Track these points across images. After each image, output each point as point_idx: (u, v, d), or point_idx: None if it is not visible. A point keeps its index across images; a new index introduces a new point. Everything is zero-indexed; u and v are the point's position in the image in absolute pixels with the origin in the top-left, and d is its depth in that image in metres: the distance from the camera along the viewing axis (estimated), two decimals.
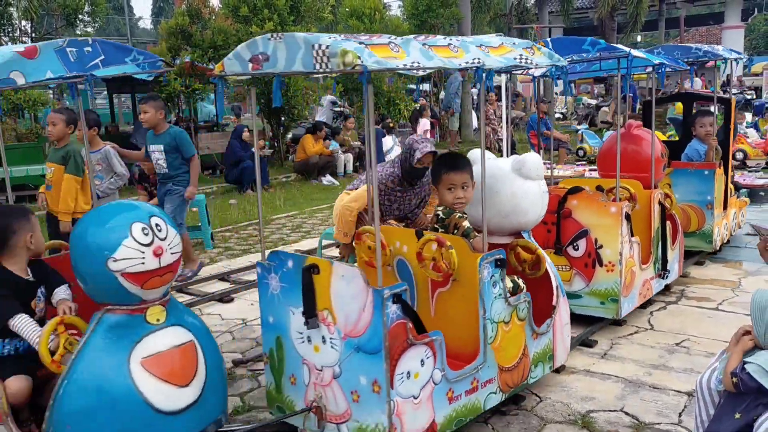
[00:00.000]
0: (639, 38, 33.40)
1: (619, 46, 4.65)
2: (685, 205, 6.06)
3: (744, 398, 2.47)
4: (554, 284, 3.72)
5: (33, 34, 16.05)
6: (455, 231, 3.41)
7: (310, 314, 2.97)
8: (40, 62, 2.69)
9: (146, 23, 61.39)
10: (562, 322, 3.77)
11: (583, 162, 12.82)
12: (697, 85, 18.62)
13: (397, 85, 15.70)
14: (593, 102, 21.88)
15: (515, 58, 3.35)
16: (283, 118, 13.97)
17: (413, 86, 19.14)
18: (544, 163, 4.05)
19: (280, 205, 10.29)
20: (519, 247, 3.70)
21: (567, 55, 4.44)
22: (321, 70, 2.69)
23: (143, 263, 2.67)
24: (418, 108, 15.56)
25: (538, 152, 7.72)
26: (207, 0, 12.70)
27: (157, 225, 2.76)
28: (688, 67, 5.94)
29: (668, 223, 5.12)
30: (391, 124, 14.25)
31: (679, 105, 8.47)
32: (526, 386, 3.56)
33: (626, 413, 3.48)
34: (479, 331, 3.20)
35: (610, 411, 3.50)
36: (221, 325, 5.03)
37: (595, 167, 6.86)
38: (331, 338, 2.97)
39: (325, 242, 5.76)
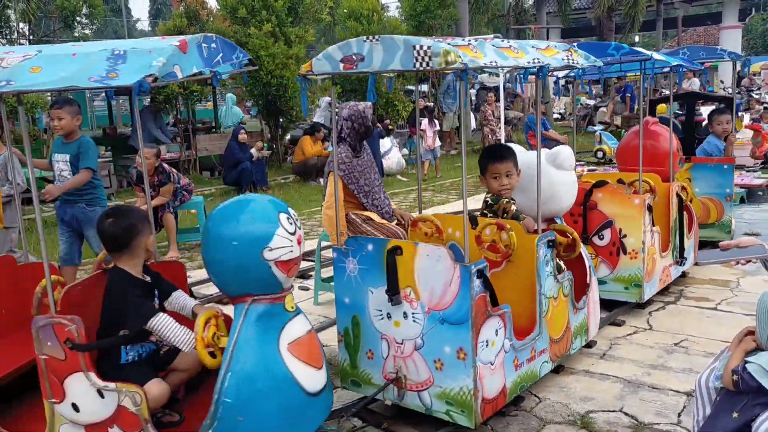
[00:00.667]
0: (637, 38, 33.44)
1: (641, 49, 5.02)
2: (705, 198, 6.42)
3: (742, 398, 2.46)
4: (587, 264, 4.08)
5: (31, 36, 16.03)
6: (504, 215, 3.78)
7: (394, 292, 3.27)
8: (189, 57, 2.71)
9: (144, 25, 61.37)
10: (594, 299, 4.16)
11: (598, 163, 12.79)
12: (695, 84, 18.65)
13: (396, 87, 15.70)
14: (591, 102, 21.88)
15: (563, 59, 3.67)
16: (281, 120, 13.97)
17: (411, 87, 19.15)
18: None
19: None
20: (555, 231, 3.89)
21: (593, 58, 4.73)
22: (420, 68, 2.98)
23: (292, 251, 2.79)
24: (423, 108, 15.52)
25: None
26: (205, 2, 12.69)
27: (293, 214, 2.88)
28: (703, 68, 6.39)
29: (685, 213, 5.44)
30: (390, 126, 14.25)
31: (662, 106, 8.86)
32: (567, 357, 3.95)
33: (625, 413, 3.48)
34: (535, 305, 3.58)
35: (610, 411, 3.51)
36: None
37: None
38: (413, 313, 3.29)
39: (324, 243, 5.76)
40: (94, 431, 2.79)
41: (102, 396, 2.74)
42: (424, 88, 17.72)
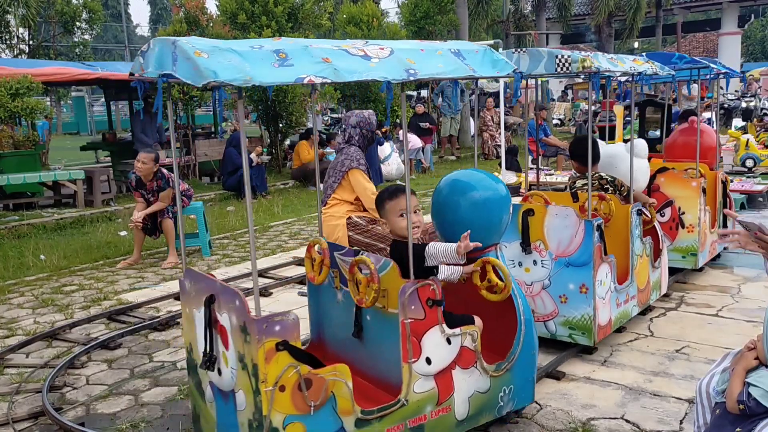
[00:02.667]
0: (636, 44, 33.48)
1: (699, 58, 5.95)
2: None
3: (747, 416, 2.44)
4: (660, 234, 5.08)
5: (31, 42, 16.05)
6: (621, 188, 4.84)
7: (527, 245, 4.18)
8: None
9: (144, 30, 61.47)
10: (665, 262, 5.14)
11: None
12: (694, 91, 18.65)
13: (396, 92, 15.69)
14: (592, 108, 21.90)
15: (648, 68, 4.56)
16: (280, 125, 13.96)
17: (411, 93, 19.17)
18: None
19: (278, 212, 10.26)
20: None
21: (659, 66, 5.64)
22: (561, 72, 3.93)
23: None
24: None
25: (536, 158, 7.76)
26: (205, 7, 12.69)
27: None
28: (742, 75, 6.84)
29: (727, 198, 6.47)
30: (384, 130, 14.20)
31: (618, 109, 9.63)
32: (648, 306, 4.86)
33: (627, 421, 3.45)
34: (628, 260, 4.51)
35: (611, 419, 3.48)
36: None
37: None
38: (542, 260, 4.27)
39: None
40: (441, 377, 3.06)
41: (449, 343, 3.07)
42: (424, 93, 17.73)
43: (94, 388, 4.12)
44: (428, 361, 2.99)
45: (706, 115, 12.60)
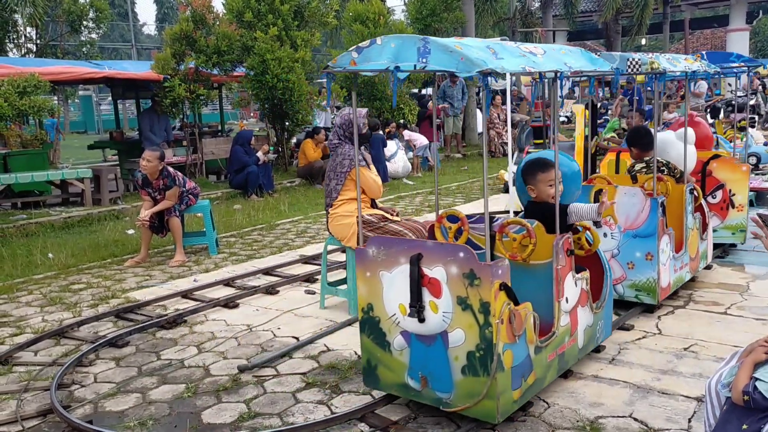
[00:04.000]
0: (643, 41, 33.32)
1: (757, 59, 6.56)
2: None
3: (753, 410, 2.43)
4: (706, 211, 5.79)
5: (38, 41, 16.10)
6: (675, 170, 5.54)
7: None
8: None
9: (150, 29, 61.63)
10: (710, 235, 5.87)
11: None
12: (702, 87, 18.56)
13: (402, 90, 15.67)
14: (597, 104, 21.80)
15: (699, 66, 5.22)
16: (287, 123, 13.96)
17: (416, 90, 19.12)
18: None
19: (284, 210, 10.27)
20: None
21: (716, 64, 6.20)
22: (632, 72, 4.53)
23: None
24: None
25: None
26: (211, 6, 12.68)
27: None
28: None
29: None
30: (388, 129, 14.18)
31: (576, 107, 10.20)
32: (696, 274, 5.55)
33: (635, 419, 3.44)
34: (682, 232, 5.26)
35: (619, 417, 3.46)
36: (226, 331, 5.01)
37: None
38: (612, 233, 4.99)
39: (330, 247, 5.74)
40: (572, 313, 3.77)
41: (576, 285, 3.79)
42: (429, 91, 17.69)
43: (102, 386, 4.14)
44: (566, 300, 3.70)
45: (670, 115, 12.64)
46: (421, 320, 3.35)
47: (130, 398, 3.95)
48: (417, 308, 3.34)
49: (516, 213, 5.21)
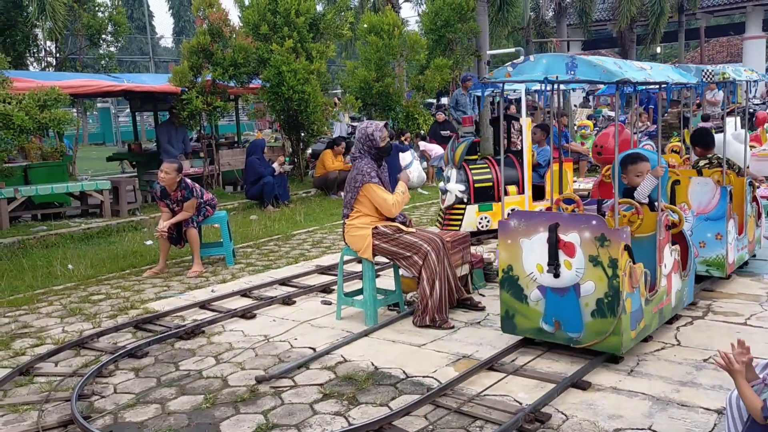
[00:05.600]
0: (658, 50, 33.17)
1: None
2: None
3: None
4: (760, 203, 6.60)
5: (57, 55, 16.33)
6: (733, 166, 6.31)
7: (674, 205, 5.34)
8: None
9: (167, 42, 62.28)
10: (764, 223, 6.80)
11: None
12: (718, 96, 18.44)
13: (415, 100, 15.72)
14: (613, 114, 21.71)
15: (754, 75, 6.08)
16: (302, 134, 14.04)
17: (431, 100, 19.15)
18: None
19: (300, 221, 10.32)
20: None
21: None
22: (704, 81, 5.39)
23: None
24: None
25: (559, 166, 7.72)
26: (228, 19, 12.81)
27: None
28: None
29: None
30: (404, 139, 14.20)
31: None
32: (754, 256, 6.36)
33: None
34: (743, 218, 6.07)
35: (638, 429, 3.44)
36: (244, 342, 5.04)
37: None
38: (685, 217, 5.52)
39: (346, 257, 5.76)
40: (668, 278, 4.66)
41: (671, 254, 4.65)
42: (445, 101, 17.72)
43: (122, 396, 4.17)
44: (665, 266, 4.56)
45: (730, 120, 12.46)
46: (556, 276, 4.24)
47: (149, 409, 3.98)
48: (554, 266, 4.22)
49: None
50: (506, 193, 8.18)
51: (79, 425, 3.68)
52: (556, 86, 5.73)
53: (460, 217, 8.08)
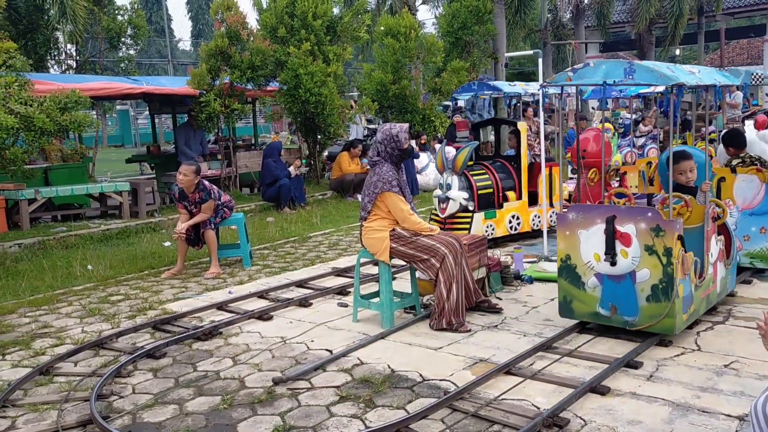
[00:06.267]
0: (678, 52, 32.88)
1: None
2: None
3: None
4: None
5: (78, 57, 16.52)
6: (766, 163, 6.23)
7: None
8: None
9: (186, 45, 62.74)
10: None
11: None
12: (738, 98, 18.24)
13: (432, 102, 15.70)
14: (632, 116, 21.54)
15: None
16: (319, 137, 14.08)
17: (448, 103, 19.11)
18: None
19: (317, 223, 10.34)
20: None
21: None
22: (755, 84, 8.16)
23: None
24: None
25: (576, 169, 7.70)
26: (245, 22, 12.89)
27: None
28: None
29: None
30: (423, 141, 14.20)
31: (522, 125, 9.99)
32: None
33: None
34: None
35: None
36: (261, 343, 5.05)
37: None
38: (730, 212, 5.84)
39: (362, 260, 5.76)
40: (714, 266, 4.98)
41: (716, 244, 5.02)
42: (461, 103, 17.67)
43: (140, 397, 4.20)
44: (711, 255, 4.88)
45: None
46: (613, 264, 4.59)
47: (167, 409, 4.00)
48: (611, 255, 4.56)
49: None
50: (506, 199, 8.04)
51: (98, 425, 3.71)
52: (573, 89, 5.78)
53: (466, 226, 7.61)
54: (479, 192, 7.82)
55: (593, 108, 27.30)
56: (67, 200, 10.81)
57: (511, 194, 8.07)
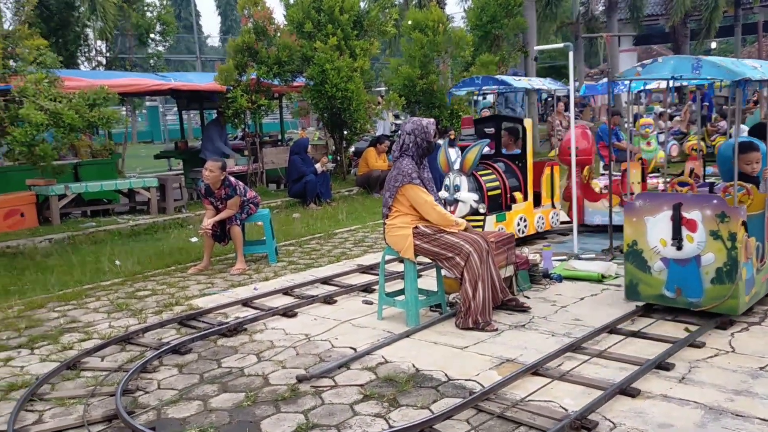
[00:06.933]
0: (713, 45, 32.18)
1: None
2: None
3: None
4: None
5: (108, 54, 16.72)
6: None
7: None
8: None
9: (214, 41, 63.25)
10: None
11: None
12: None
13: (460, 97, 15.57)
14: (666, 111, 21.13)
15: None
16: (345, 132, 14.05)
17: (476, 98, 18.95)
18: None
19: (342, 219, 10.32)
20: None
21: None
22: None
23: None
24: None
25: (608, 164, 7.54)
26: (272, 17, 12.91)
27: None
28: None
29: None
30: (452, 136, 14.08)
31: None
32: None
33: None
34: None
35: None
36: (285, 340, 5.03)
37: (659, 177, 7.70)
38: None
39: (387, 257, 5.71)
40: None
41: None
42: (490, 98, 17.50)
43: (165, 392, 4.21)
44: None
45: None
46: (679, 248, 4.86)
47: (191, 405, 4.00)
48: (678, 240, 4.84)
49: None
50: (514, 201, 7.63)
51: (123, 420, 3.72)
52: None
53: (478, 230, 7.09)
54: (489, 193, 7.36)
55: (626, 102, 26.86)
56: (96, 196, 10.95)
57: (518, 195, 7.68)
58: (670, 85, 6.33)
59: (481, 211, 7.16)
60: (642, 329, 4.80)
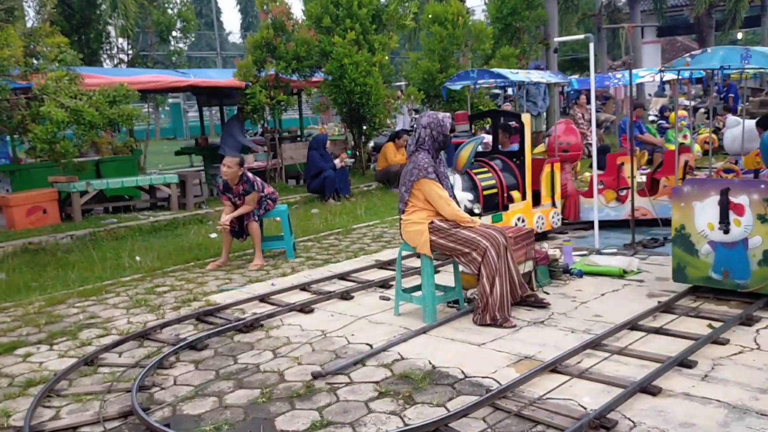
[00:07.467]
0: (739, 35, 31.57)
1: None
2: None
3: None
4: None
5: (129, 51, 16.85)
6: None
7: None
8: None
9: (235, 38, 63.49)
10: None
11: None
12: None
13: (481, 91, 15.45)
14: (690, 103, 20.80)
15: None
16: (364, 127, 14.00)
17: (497, 91, 18.79)
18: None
19: (361, 215, 10.28)
20: None
21: None
22: None
23: None
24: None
25: (631, 157, 7.40)
26: (290, 12, 12.89)
27: None
28: None
29: None
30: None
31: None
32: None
33: None
34: None
35: None
36: (301, 336, 5.01)
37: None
38: None
39: (404, 253, 5.66)
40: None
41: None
42: (511, 91, 17.34)
43: (181, 388, 4.21)
44: None
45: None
46: (726, 232, 5.03)
47: (207, 402, 4.00)
48: (725, 224, 5.00)
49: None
50: (511, 200, 7.26)
51: (139, 417, 3.72)
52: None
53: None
54: (484, 193, 6.98)
55: (650, 95, 26.49)
56: (117, 192, 11.04)
57: (515, 194, 7.33)
58: (715, 75, 6.16)
59: (476, 211, 6.84)
60: (664, 326, 4.71)
